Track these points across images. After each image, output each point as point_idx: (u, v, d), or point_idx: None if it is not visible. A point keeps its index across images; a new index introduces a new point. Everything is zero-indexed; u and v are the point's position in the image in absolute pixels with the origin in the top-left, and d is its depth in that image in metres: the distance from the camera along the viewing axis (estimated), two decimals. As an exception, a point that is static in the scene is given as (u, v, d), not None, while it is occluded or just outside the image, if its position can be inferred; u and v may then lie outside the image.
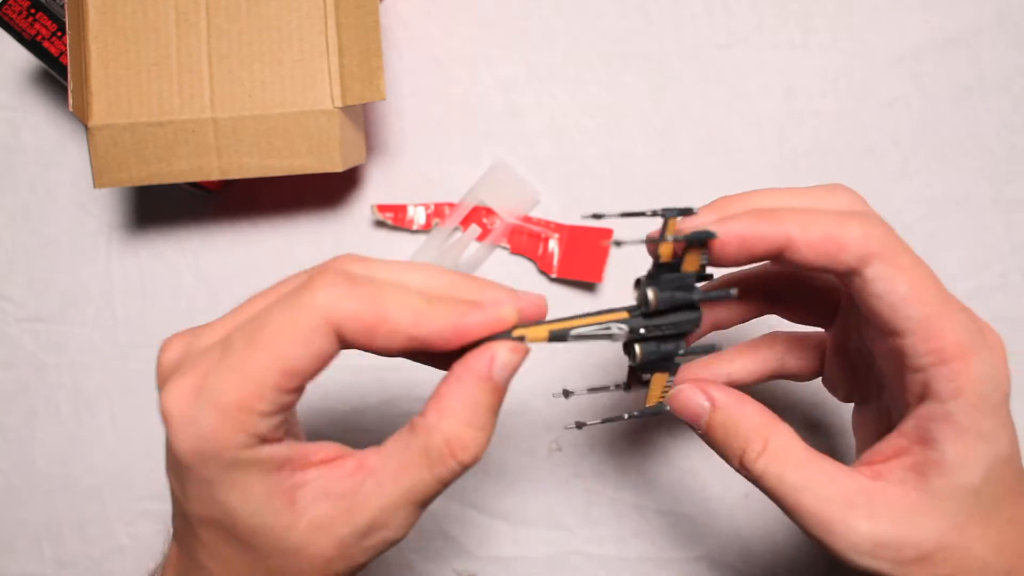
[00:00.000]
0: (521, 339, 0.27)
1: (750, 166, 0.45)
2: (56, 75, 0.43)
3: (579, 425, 0.29)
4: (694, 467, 0.44)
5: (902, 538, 0.27)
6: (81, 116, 0.39)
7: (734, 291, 0.29)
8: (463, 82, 0.46)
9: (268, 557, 0.27)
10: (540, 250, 0.45)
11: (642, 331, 0.29)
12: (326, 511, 0.27)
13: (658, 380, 0.30)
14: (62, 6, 0.42)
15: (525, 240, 0.45)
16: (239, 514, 0.26)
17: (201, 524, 0.27)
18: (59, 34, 0.42)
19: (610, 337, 0.28)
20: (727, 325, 0.34)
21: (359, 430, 0.44)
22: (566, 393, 0.29)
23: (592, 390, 0.29)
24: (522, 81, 0.46)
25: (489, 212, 0.45)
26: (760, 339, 0.35)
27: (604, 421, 0.29)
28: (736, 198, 0.29)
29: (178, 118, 0.39)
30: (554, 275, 0.45)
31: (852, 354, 0.33)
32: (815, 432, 0.44)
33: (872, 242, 0.27)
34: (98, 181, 0.40)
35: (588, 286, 0.45)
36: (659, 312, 0.29)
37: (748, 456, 0.29)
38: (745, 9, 0.46)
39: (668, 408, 0.30)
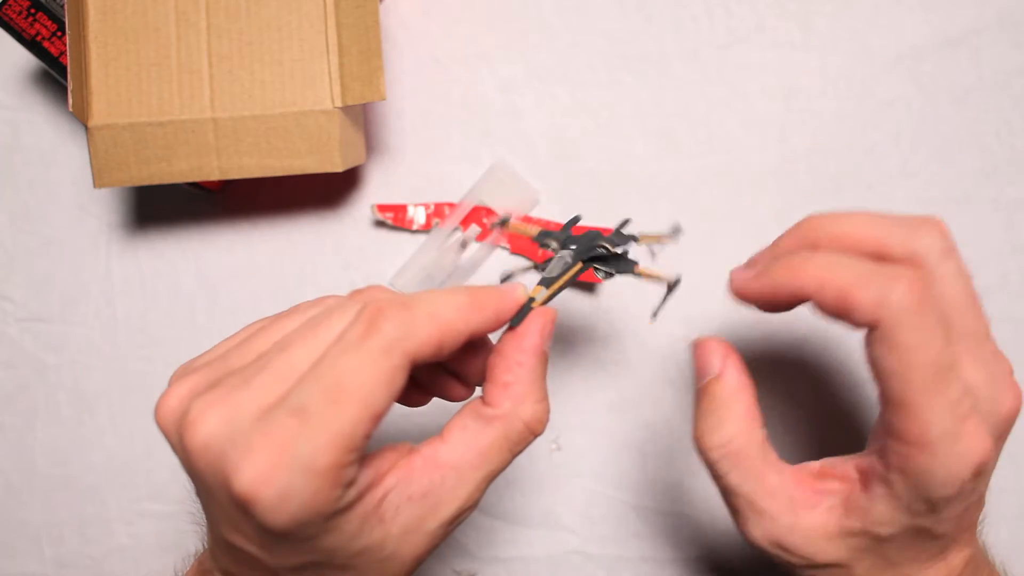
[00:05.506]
0: (532, 300, 0.31)
1: (750, 166, 0.45)
2: (56, 75, 0.43)
3: (654, 315, 0.33)
4: (694, 467, 0.44)
5: (804, 552, 0.30)
6: (81, 116, 0.39)
7: (637, 235, 0.34)
8: (463, 82, 0.46)
9: (366, 571, 0.28)
10: (540, 250, 0.45)
11: (573, 247, 0.34)
12: (414, 513, 0.28)
13: (644, 270, 0.34)
14: (62, 6, 0.42)
15: (525, 240, 0.45)
16: (338, 549, 0.27)
17: (289, 572, 0.27)
18: (59, 34, 0.42)
19: (565, 260, 0.33)
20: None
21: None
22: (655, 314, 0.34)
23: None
24: (522, 81, 0.46)
25: (489, 212, 0.45)
26: None
27: (663, 301, 0.33)
28: (821, 222, 0.30)
29: (178, 118, 0.39)
30: (554, 275, 0.45)
31: None
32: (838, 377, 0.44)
33: (882, 310, 0.26)
34: (98, 181, 0.40)
35: (588, 286, 0.45)
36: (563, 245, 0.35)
37: (704, 441, 0.31)
38: (745, 9, 0.46)
39: (678, 276, 0.34)
